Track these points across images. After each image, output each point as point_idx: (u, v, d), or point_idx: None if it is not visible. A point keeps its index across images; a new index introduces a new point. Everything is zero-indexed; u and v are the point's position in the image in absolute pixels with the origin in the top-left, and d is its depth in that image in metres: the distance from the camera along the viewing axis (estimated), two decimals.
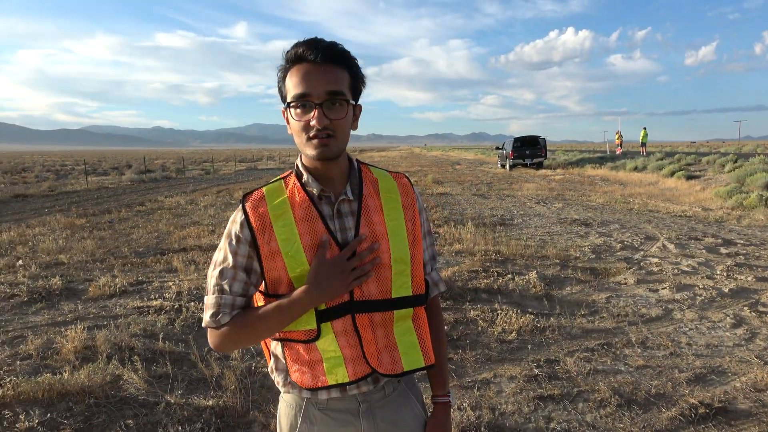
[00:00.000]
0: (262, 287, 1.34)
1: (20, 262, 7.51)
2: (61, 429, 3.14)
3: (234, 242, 1.31)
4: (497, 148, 34.53)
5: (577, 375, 3.83)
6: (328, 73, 1.24)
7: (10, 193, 18.90)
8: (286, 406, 1.43)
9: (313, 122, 1.23)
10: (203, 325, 1.35)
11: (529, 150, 28.31)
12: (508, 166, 28.73)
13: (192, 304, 5.41)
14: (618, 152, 34.62)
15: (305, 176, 1.33)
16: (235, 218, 1.33)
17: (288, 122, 1.31)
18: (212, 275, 1.33)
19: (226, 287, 1.31)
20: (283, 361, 1.39)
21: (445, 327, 4.70)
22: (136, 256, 7.97)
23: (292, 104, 1.26)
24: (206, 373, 3.83)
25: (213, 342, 1.34)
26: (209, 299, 1.32)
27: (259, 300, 1.38)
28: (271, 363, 1.44)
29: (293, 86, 1.25)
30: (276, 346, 1.41)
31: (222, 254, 1.33)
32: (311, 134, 1.25)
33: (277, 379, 1.42)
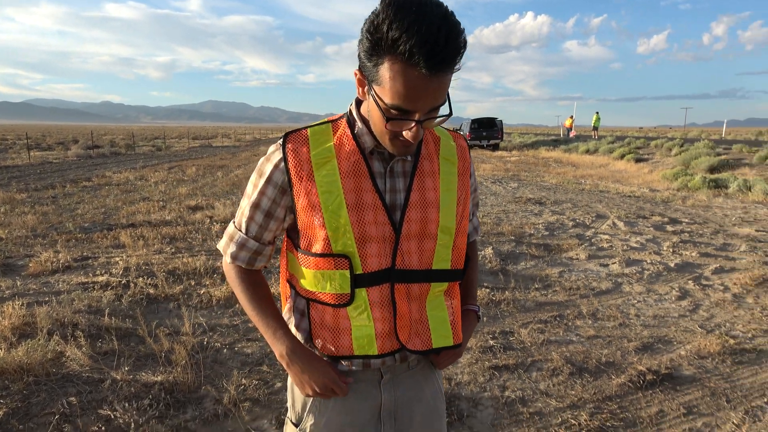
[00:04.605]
0: (302, 244, 1.21)
1: None
2: None
3: (263, 181, 1.19)
4: (455, 130, 34.68)
5: (531, 345, 3.89)
6: (437, 87, 1.01)
7: None
8: None
9: (407, 134, 1.07)
10: (218, 245, 1.32)
11: (486, 132, 28.59)
12: None
13: (140, 279, 5.21)
14: (571, 135, 35.39)
15: (359, 125, 1.17)
16: (271, 157, 1.19)
17: (362, 87, 1.12)
18: (240, 205, 1.27)
19: (244, 224, 1.25)
20: (308, 321, 1.26)
21: None
22: (81, 231, 7.62)
23: (387, 112, 1.05)
24: (155, 348, 3.69)
25: (224, 267, 1.32)
26: (229, 227, 1.30)
27: (295, 258, 1.25)
28: (293, 319, 1.32)
29: (395, 94, 1.01)
30: (300, 301, 1.29)
31: (250, 188, 1.23)
32: (401, 139, 1.10)
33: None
